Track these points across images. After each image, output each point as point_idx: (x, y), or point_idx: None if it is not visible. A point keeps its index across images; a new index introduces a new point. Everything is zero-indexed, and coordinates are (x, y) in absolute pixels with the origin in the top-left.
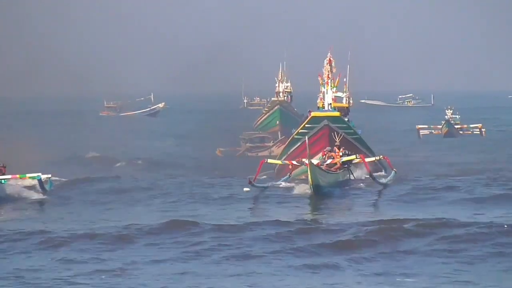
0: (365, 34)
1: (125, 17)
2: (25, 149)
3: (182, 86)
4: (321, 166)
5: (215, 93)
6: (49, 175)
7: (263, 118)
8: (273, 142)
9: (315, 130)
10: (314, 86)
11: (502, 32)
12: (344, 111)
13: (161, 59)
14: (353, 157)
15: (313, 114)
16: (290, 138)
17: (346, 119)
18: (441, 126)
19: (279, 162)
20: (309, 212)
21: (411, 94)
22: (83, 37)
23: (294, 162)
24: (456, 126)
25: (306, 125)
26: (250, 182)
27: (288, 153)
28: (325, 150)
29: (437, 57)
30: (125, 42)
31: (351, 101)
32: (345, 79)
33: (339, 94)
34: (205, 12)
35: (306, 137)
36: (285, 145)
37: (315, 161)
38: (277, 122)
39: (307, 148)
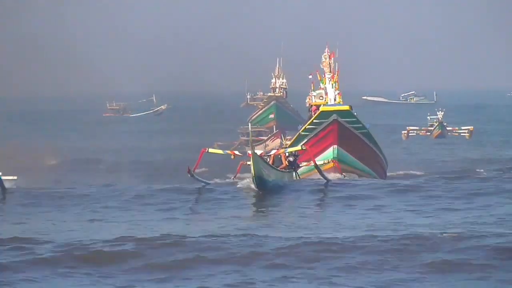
0: (366, 34)
1: (120, 17)
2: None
3: (181, 86)
4: (265, 158)
5: (217, 92)
6: (15, 177)
7: (258, 113)
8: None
9: (323, 125)
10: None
11: (503, 30)
12: None
13: (160, 58)
14: (298, 147)
15: (322, 108)
16: (297, 134)
17: (355, 113)
18: (432, 128)
19: (220, 151)
20: (247, 219)
21: (413, 92)
22: (73, 36)
23: (237, 152)
24: (448, 128)
25: (315, 120)
26: (189, 171)
27: None
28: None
29: (438, 56)
30: (119, 41)
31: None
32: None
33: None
34: (204, 11)
35: (250, 129)
36: (290, 142)
37: (258, 151)
38: (271, 116)
39: (250, 137)
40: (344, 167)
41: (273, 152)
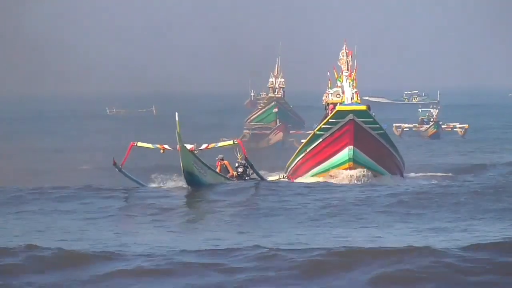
0: (368, 33)
1: (120, 16)
2: None
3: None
4: (195, 152)
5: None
6: None
7: (258, 113)
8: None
9: (339, 125)
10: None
11: (505, 30)
12: None
13: (158, 58)
14: (230, 142)
15: (338, 108)
16: (311, 134)
17: (373, 113)
18: (428, 126)
19: (150, 146)
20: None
21: (416, 91)
22: (72, 35)
23: (166, 146)
24: (443, 126)
25: (330, 120)
26: (114, 164)
27: (308, 150)
28: (218, 158)
29: (441, 55)
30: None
31: (358, 98)
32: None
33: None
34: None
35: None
36: (304, 142)
37: (188, 146)
38: (275, 110)
39: (178, 128)
40: (359, 168)
41: (203, 146)
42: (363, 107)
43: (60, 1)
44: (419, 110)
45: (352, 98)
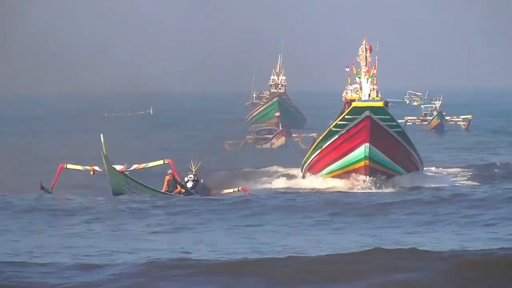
0: (370, 33)
1: (120, 14)
2: None
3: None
4: (126, 172)
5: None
6: None
7: (259, 110)
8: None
9: (355, 121)
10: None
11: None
12: None
13: (157, 58)
14: (160, 162)
15: (354, 104)
16: (327, 130)
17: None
18: (431, 118)
19: (80, 168)
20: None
21: (420, 93)
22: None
23: (96, 168)
24: (446, 118)
25: (346, 116)
26: (42, 188)
27: (323, 147)
28: (169, 173)
29: (442, 55)
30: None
31: (379, 96)
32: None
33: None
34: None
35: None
36: (320, 138)
37: (118, 167)
38: (277, 113)
39: (104, 149)
40: (375, 167)
41: (134, 166)
42: (380, 104)
43: (59, 2)
44: (422, 106)
45: (369, 95)
